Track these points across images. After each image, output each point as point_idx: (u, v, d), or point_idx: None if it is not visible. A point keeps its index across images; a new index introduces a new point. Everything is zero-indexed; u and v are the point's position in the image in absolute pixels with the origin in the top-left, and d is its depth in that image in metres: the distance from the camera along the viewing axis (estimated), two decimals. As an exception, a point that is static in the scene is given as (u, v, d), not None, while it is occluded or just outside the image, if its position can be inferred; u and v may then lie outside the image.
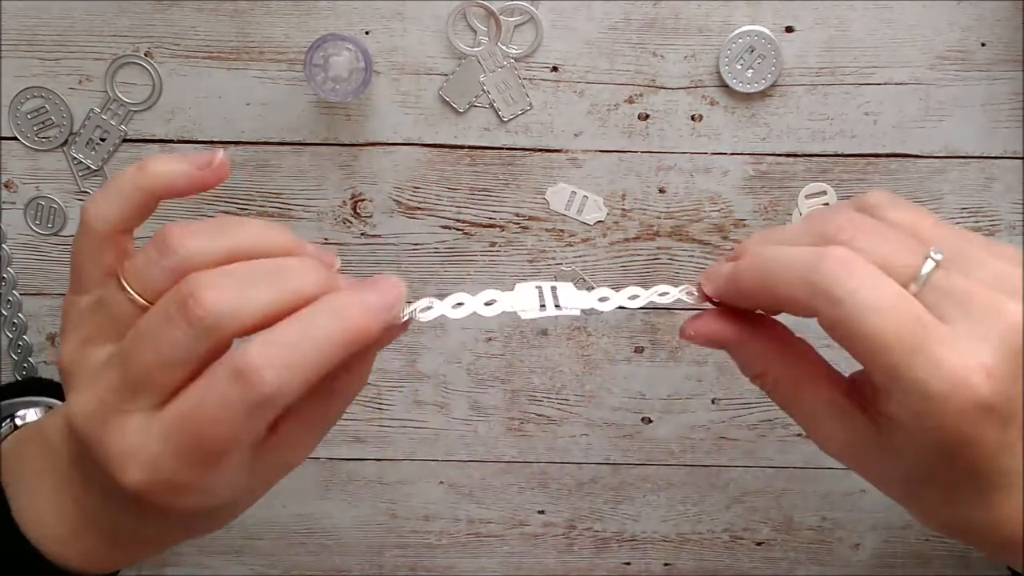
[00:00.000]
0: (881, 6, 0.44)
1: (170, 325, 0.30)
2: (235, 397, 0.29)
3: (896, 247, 0.32)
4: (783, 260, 0.33)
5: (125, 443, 0.31)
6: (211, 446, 0.30)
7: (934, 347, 0.30)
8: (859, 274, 0.31)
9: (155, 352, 0.30)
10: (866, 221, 0.33)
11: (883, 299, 0.31)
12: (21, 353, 0.49)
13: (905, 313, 0.31)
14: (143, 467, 0.31)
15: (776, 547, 0.52)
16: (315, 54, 0.43)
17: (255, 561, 0.53)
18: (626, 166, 0.46)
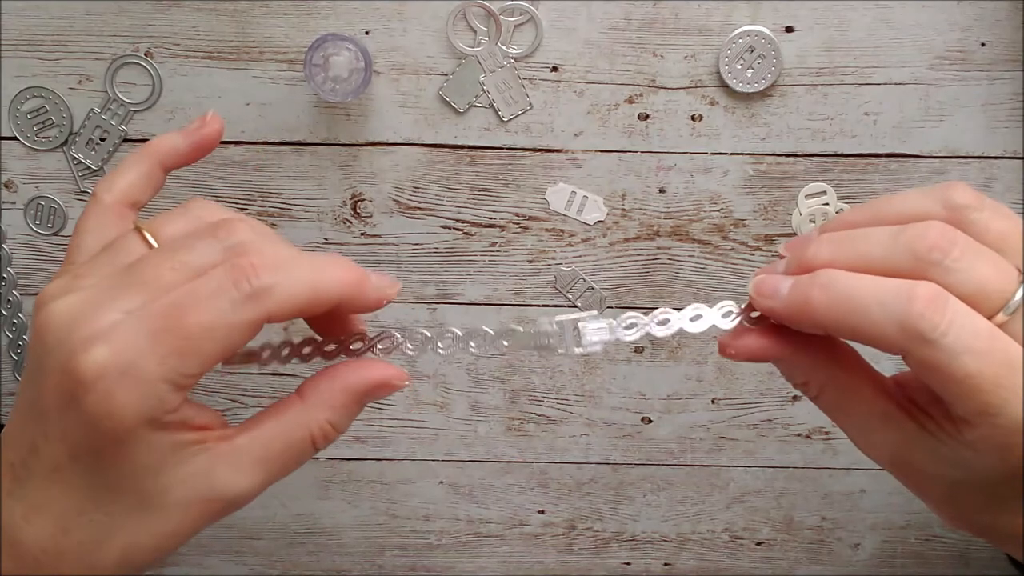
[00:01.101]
0: (881, 6, 0.44)
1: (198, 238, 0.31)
2: (227, 284, 0.30)
3: (990, 270, 0.31)
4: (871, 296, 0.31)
5: (101, 325, 0.29)
6: (190, 333, 0.29)
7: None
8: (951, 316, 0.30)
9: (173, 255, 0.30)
10: (958, 237, 0.32)
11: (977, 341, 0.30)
12: (21, 353, 0.49)
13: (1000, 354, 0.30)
14: (110, 344, 0.29)
15: (776, 547, 0.52)
16: (315, 54, 0.43)
17: (255, 561, 0.53)
18: (626, 166, 0.46)
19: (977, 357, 0.30)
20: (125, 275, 0.31)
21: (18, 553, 0.32)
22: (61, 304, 0.30)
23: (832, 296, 0.31)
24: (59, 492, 0.32)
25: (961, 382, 0.30)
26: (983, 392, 0.30)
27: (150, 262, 0.31)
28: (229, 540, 0.52)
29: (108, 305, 0.30)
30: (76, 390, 0.29)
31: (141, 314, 0.30)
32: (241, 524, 0.52)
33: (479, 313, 0.48)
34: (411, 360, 0.49)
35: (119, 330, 0.29)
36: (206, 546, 0.52)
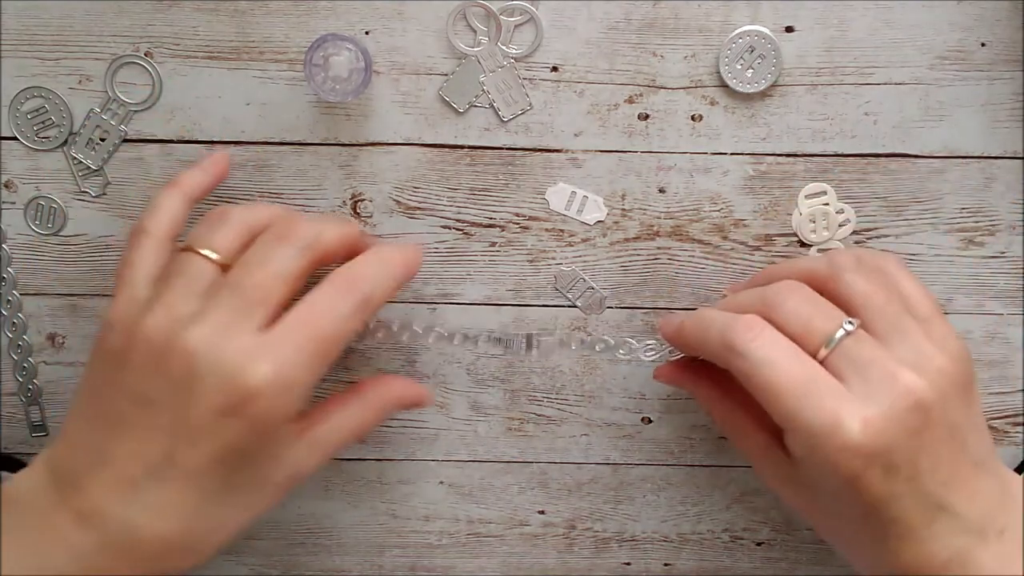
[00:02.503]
0: (881, 6, 0.44)
1: (278, 247, 0.38)
2: (341, 296, 0.37)
3: (817, 314, 0.39)
4: (712, 319, 0.40)
5: (247, 348, 0.36)
6: (324, 338, 0.37)
7: (821, 396, 0.37)
8: (760, 334, 0.38)
9: (265, 268, 0.37)
10: (802, 291, 0.40)
11: (777, 355, 0.38)
12: (21, 353, 0.49)
13: (798, 367, 0.38)
14: (271, 362, 0.36)
15: (776, 547, 0.52)
16: (315, 54, 0.43)
17: (255, 561, 0.53)
18: (626, 166, 0.46)
19: (777, 369, 0.37)
20: (232, 295, 0.37)
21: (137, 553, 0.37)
22: (196, 334, 0.36)
23: (693, 322, 0.41)
24: (192, 493, 0.37)
25: (765, 390, 0.38)
26: (783, 399, 0.37)
27: (248, 279, 0.37)
28: (229, 540, 0.52)
29: (242, 326, 0.36)
30: (242, 402, 0.35)
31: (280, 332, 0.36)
32: (241, 524, 0.52)
33: (479, 313, 0.48)
34: (412, 360, 0.49)
35: (270, 348, 0.36)
36: (206, 546, 0.52)
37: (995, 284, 0.48)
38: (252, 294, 0.37)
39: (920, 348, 0.38)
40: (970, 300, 0.48)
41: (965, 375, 0.39)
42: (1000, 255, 0.47)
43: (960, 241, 0.47)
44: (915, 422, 0.37)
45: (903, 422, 0.37)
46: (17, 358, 0.49)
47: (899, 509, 0.38)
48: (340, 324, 0.37)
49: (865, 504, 0.38)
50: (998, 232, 0.47)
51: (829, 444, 0.37)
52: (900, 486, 0.37)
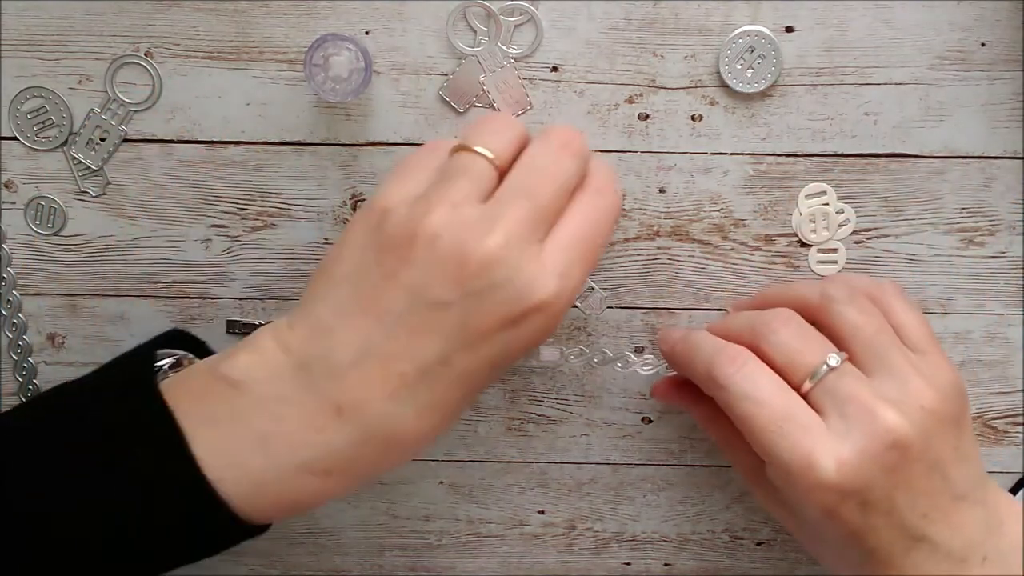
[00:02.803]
0: (881, 6, 0.44)
1: (561, 158, 0.37)
2: (603, 205, 0.38)
3: (805, 346, 0.40)
4: (699, 347, 0.42)
5: (542, 263, 0.36)
6: (595, 247, 0.38)
7: (797, 434, 0.38)
8: (743, 367, 0.39)
9: (554, 181, 0.37)
10: (791, 320, 0.41)
11: (758, 390, 0.39)
12: (21, 353, 0.49)
13: (778, 402, 0.38)
14: (559, 276, 0.36)
15: (776, 547, 0.52)
16: (315, 54, 0.43)
17: (255, 561, 0.53)
18: (626, 166, 0.46)
19: (756, 403, 0.38)
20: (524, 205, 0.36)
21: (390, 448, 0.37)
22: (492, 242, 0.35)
23: (684, 346, 0.43)
24: (459, 394, 0.37)
25: (744, 423, 0.39)
26: (760, 434, 0.38)
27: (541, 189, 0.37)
28: (229, 540, 0.52)
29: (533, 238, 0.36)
30: (528, 313, 0.36)
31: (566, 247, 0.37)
32: (241, 524, 0.52)
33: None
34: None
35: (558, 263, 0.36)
36: (206, 546, 0.52)
37: (995, 284, 0.48)
38: (545, 207, 0.36)
39: (906, 383, 0.39)
40: (970, 300, 0.48)
41: (954, 409, 0.39)
42: (1000, 255, 0.47)
43: (960, 241, 0.47)
44: (892, 460, 0.37)
45: (879, 460, 0.37)
46: (17, 358, 0.49)
47: (876, 540, 0.38)
48: (606, 238, 0.38)
49: (844, 534, 0.38)
50: (998, 232, 0.47)
51: (803, 481, 0.38)
52: (876, 519, 0.38)
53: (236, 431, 0.36)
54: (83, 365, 0.49)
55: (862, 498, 0.37)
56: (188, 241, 0.48)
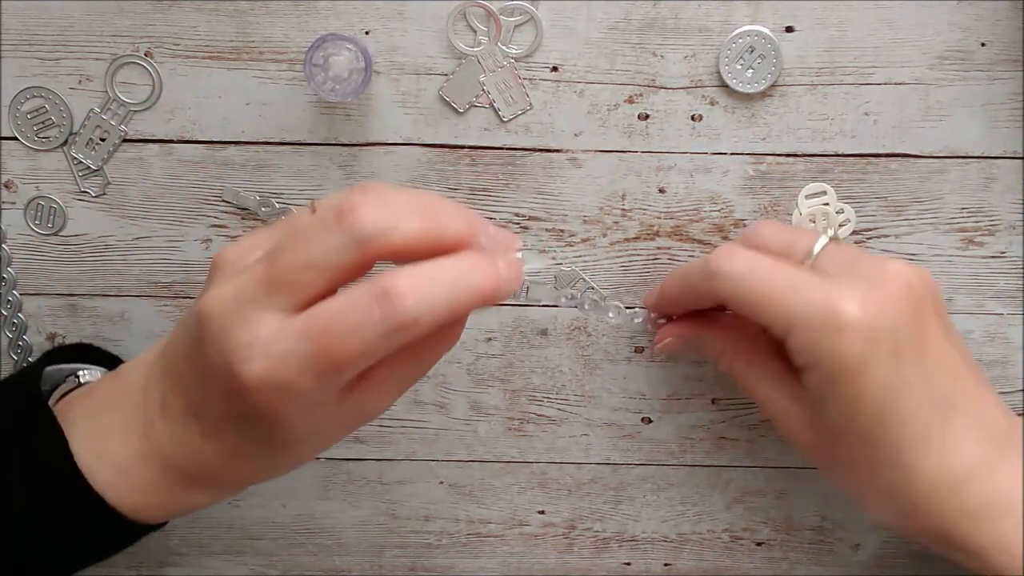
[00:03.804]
0: (881, 6, 0.44)
1: (324, 229, 0.32)
2: (376, 315, 0.31)
3: (794, 235, 0.40)
4: (689, 265, 0.43)
5: (257, 333, 0.32)
6: (338, 357, 0.31)
7: (811, 288, 0.37)
8: (739, 254, 0.38)
9: (304, 251, 0.32)
10: (770, 222, 0.42)
11: (762, 265, 0.38)
12: (21, 353, 0.49)
13: (783, 270, 0.37)
14: (269, 359, 0.32)
15: (776, 547, 0.52)
16: (315, 54, 0.43)
17: (255, 561, 0.53)
18: (626, 166, 0.46)
19: (761, 275, 0.37)
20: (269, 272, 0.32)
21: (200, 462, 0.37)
22: (217, 294, 0.33)
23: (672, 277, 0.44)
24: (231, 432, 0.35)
25: (756, 300, 0.37)
26: (775, 301, 0.37)
27: (282, 257, 0.32)
28: (229, 540, 0.52)
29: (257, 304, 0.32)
30: (240, 392, 0.32)
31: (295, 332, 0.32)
32: (241, 524, 0.52)
33: (479, 312, 0.48)
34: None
35: (275, 346, 0.32)
36: (206, 546, 0.52)
37: (995, 284, 0.48)
38: (280, 275, 0.32)
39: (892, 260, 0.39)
40: (970, 300, 0.48)
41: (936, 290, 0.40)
42: (1000, 255, 0.47)
43: (960, 241, 0.47)
44: (913, 305, 0.37)
45: (900, 302, 0.36)
46: (17, 358, 0.49)
47: (911, 403, 0.36)
48: (362, 347, 0.31)
49: (875, 406, 0.36)
50: (998, 232, 0.47)
51: (829, 328, 0.36)
52: (909, 370, 0.36)
53: (107, 419, 0.38)
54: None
55: (892, 342, 0.36)
56: (188, 241, 0.48)
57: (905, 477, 0.37)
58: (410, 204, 0.32)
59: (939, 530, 0.38)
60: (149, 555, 0.52)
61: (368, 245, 0.31)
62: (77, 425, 0.38)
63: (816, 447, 0.40)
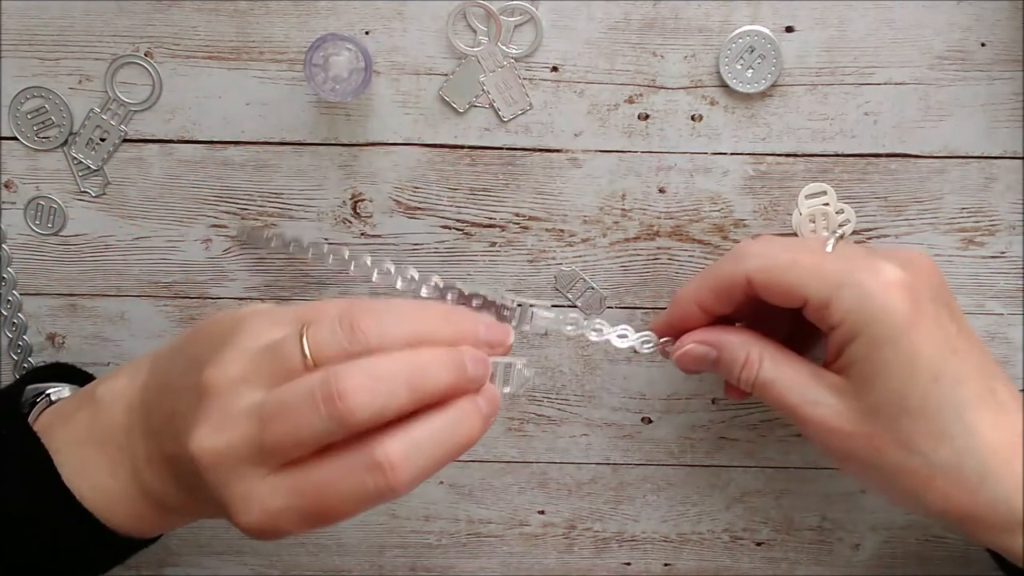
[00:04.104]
0: (881, 6, 0.44)
1: (313, 410, 0.32)
2: (370, 487, 0.32)
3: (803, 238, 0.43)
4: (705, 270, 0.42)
5: (251, 490, 0.33)
6: (330, 517, 0.33)
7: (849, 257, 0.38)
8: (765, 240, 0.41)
9: (292, 430, 0.32)
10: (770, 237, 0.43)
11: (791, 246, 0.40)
12: (21, 353, 0.49)
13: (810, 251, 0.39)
14: (263, 515, 0.33)
15: (776, 547, 0.52)
16: (315, 54, 0.43)
17: (255, 561, 0.53)
18: (626, 166, 0.46)
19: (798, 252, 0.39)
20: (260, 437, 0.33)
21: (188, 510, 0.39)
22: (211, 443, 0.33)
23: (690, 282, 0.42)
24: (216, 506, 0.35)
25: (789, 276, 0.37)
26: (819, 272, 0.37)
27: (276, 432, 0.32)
28: (229, 540, 0.52)
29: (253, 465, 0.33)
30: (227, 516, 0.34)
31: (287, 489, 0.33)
32: (241, 524, 0.52)
33: (479, 313, 0.48)
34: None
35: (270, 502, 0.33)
36: (206, 546, 0.52)
37: (995, 284, 0.48)
38: (271, 446, 0.33)
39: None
40: (970, 300, 0.48)
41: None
42: (1000, 255, 0.47)
43: (960, 241, 0.47)
44: (940, 278, 0.38)
45: (934, 273, 0.38)
46: (17, 358, 0.49)
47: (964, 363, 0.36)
48: (353, 510, 0.33)
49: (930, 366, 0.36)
50: (998, 232, 0.47)
51: (877, 284, 0.36)
52: (954, 330, 0.37)
53: (94, 455, 0.39)
54: (83, 365, 0.49)
55: (935, 304, 0.37)
56: (188, 241, 0.48)
57: (967, 445, 0.36)
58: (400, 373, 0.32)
59: (1009, 502, 0.36)
60: (148, 555, 0.52)
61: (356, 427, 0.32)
62: (63, 454, 0.39)
63: (861, 437, 0.37)
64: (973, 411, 0.36)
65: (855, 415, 0.37)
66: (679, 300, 0.42)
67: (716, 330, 0.41)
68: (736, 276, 0.39)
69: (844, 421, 0.38)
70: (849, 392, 0.37)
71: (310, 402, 0.32)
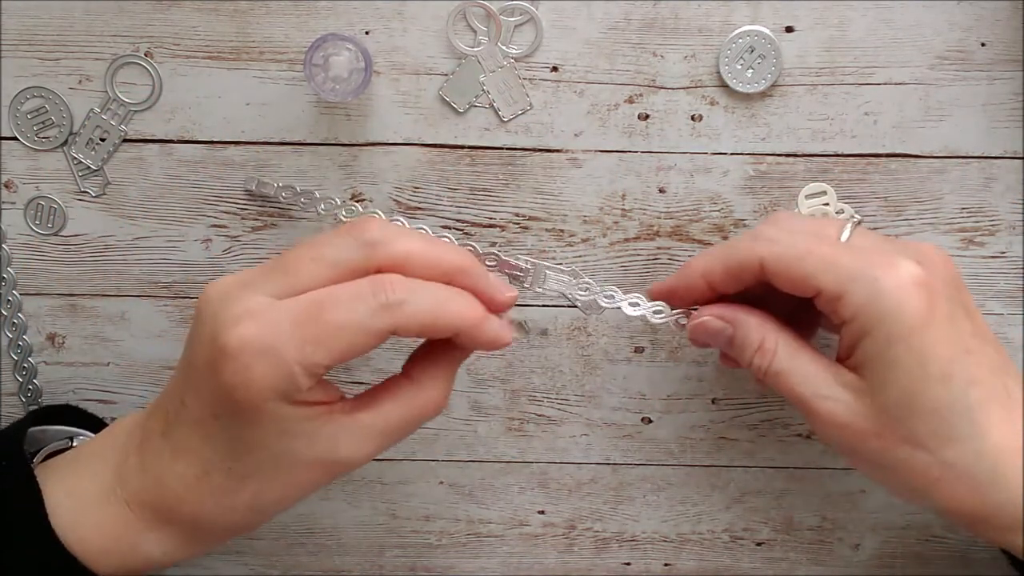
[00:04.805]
0: (881, 6, 0.44)
1: (335, 235, 0.35)
2: (367, 292, 0.34)
3: (819, 221, 0.40)
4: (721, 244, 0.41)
5: (250, 305, 0.34)
6: (325, 327, 0.33)
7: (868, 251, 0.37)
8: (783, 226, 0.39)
9: (313, 247, 0.35)
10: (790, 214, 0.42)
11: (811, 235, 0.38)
12: (21, 353, 0.49)
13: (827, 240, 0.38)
14: (257, 323, 0.33)
15: (776, 547, 0.52)
16: (315, 54, 0.43)
17: (255, 561, 0.53)
18: (626, 166, 0.46)
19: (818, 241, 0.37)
20: (273, 263, 0.35)
21: (162, 489, 0.37)
22: (218, 282, 0.35)
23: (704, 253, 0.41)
24: (200, 441, 0.36)
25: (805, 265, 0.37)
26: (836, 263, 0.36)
27: (294, 252, 0.35)
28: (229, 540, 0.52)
29: (256, 287, 0.34)
30: (219, 360, 0.33)
31: (287, 302, 0.34)
32: (241, 524, 0.52)
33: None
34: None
35: (266, 312, 0.33)
36: (206, 546, 0.52)
37: (995, 284, 0.48)
38: (286, 262, 0.35)
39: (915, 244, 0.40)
40: (970, 300, 0.48)
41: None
42: (1000, 255, 0.47)
43: (960, 241, 0.47)
44: (955, 273, 0.38)
45: (950, 269, 0.37)
46: (17, 358, 0.49)
47: (976, 363, 0.36)
48: (351, 319, 0.34)
49: (942, 366, 0.35)
50: (998, 232, 0.47)
51: (892, 280, 0.35)
52: (967, 330, 0.37)
53: (85, 463, 0.39)
54: (83, 365, 0.49)
55: (949, 302, 0.36)
56: (188, 241, 0.48)
57: (977, 447, 0.36)
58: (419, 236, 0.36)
59: (1016, 503, 0.36)
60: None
61: (373, 248, 0.35)
62: (54, 474, 0.39)
63: (870, 435, 0.37)
64: (984, 413, 0.36)
65: (866, 412, 0.37)
66: (688, 271, 0.41)
67: (734, 308, 0.40)
68: (750, 259, 0.38)
69: (854, 417, 0.37)
70: (861, 389, 0.37)
71: (334, 232, 0.35)
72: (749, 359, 0.39)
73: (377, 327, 0.34)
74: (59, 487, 0.38)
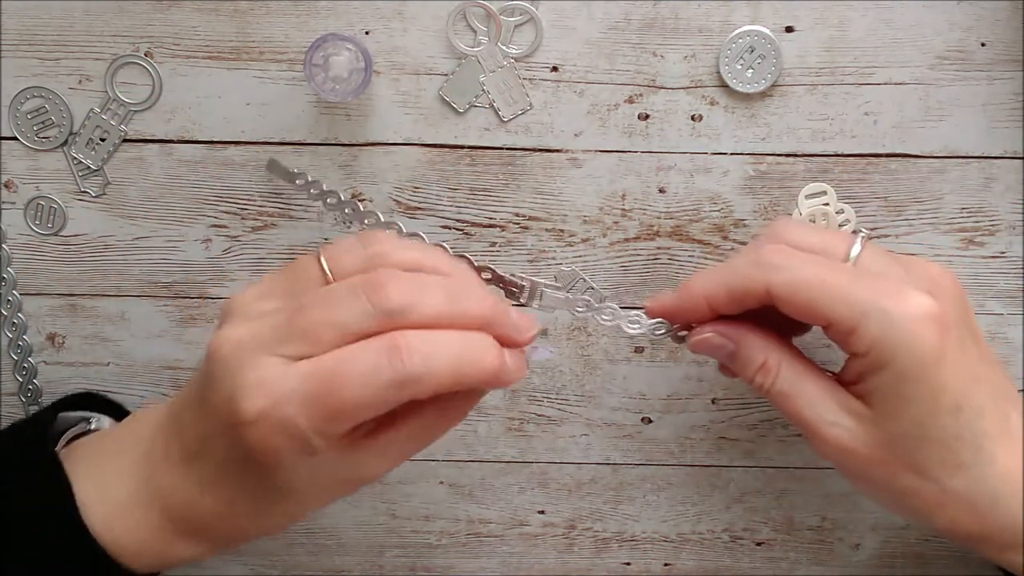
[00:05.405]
0: (881, 6, 0.44)
1: (353, 297, 0.33)
2: (383, 365, 0.33)
3: (826, 235, 0.39)
4: (728, 263, 0.39)
5: (263, 374, 0.33)
6: (340, 403, 0.33)
7: (878, 280, 0.36)
8: (788, 249, 0.37)
9: (329, 311, 0.33)
10: (796, 223, 0.40)
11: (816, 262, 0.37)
12: (21, 353, 0.49)
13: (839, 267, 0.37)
14: (270, 397, 0.33)
15: (776, 547, 0.52)
16: (315, 54, 0.43)
17: (255, 561, 0.53)
18: (626, 166, 0.46)
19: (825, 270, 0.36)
20: (284, 315, 0.34)
21: (194, 512, 0.38)
22: (232, 334, 0.35)
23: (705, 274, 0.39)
24: (227, 479, 0.36)
25: (822, 291, 0.36)
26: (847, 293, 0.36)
27: (306, 313, 0.34)
28: (229, 540, 0.52)
29: (272, 349, 0.34)
30: (238, 425, 0.33)
31: (301, 373, 0.33)
32: (241, 524, 0.52)
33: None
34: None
35: (280, 383, 0.33)
36: (206, 546, 0.52)
37: (995, 284, 0.48)
38: (301, 326, 0.34)
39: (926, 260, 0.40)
40: (970, 300, 0.47)
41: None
42: (1000, 255, 0.47)
43: (960, 241, 0.47)
44: (964, 301, 0.38)
45: (959, 298, 0.37)
46: (17, 358, 0.49)
47: (985, 393, 0.36)
48: (365, 394, 0.33)
49: (953, 399, 0.35)
50: (998, 232, 0.47)
51: (905, 315, 0.35)
52: (975, 359, 0.36)
53: (111, 463, 0.39)
54: (83, 365, 0.49)
55: (959, 333, 0.36)
56: (188, 241, 0.48)
57: (981, 475, 0.36)
58: (437, 283, 0.35)
59: (1015, 525, 0.37)
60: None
61: (391, 319, 0.33)
62: (81, 467, 0.39)
63: (875, 461, 0.37)
64: (991, 440, 0.36)
65: (872, 440, 0.37)
66: (689, 291, 0.40)
67: (736, 326, 0.39)
68: (756, 286, 0.37)
69: (860, 444, 0.37)
70: (869, 419, 0.37)
71: (350, 290, 0.34)
72: (751, 376, 0.39)
73: (392, 400, 0.34)
74: (88, 483, 0.39)
